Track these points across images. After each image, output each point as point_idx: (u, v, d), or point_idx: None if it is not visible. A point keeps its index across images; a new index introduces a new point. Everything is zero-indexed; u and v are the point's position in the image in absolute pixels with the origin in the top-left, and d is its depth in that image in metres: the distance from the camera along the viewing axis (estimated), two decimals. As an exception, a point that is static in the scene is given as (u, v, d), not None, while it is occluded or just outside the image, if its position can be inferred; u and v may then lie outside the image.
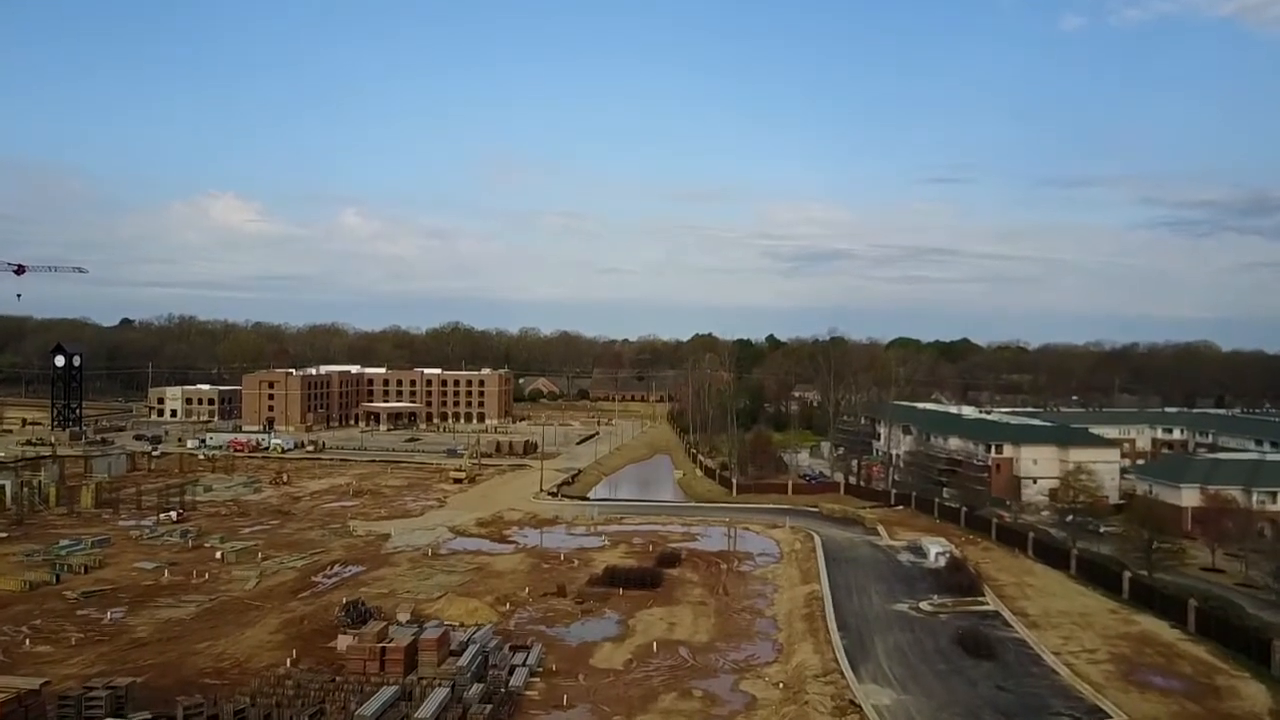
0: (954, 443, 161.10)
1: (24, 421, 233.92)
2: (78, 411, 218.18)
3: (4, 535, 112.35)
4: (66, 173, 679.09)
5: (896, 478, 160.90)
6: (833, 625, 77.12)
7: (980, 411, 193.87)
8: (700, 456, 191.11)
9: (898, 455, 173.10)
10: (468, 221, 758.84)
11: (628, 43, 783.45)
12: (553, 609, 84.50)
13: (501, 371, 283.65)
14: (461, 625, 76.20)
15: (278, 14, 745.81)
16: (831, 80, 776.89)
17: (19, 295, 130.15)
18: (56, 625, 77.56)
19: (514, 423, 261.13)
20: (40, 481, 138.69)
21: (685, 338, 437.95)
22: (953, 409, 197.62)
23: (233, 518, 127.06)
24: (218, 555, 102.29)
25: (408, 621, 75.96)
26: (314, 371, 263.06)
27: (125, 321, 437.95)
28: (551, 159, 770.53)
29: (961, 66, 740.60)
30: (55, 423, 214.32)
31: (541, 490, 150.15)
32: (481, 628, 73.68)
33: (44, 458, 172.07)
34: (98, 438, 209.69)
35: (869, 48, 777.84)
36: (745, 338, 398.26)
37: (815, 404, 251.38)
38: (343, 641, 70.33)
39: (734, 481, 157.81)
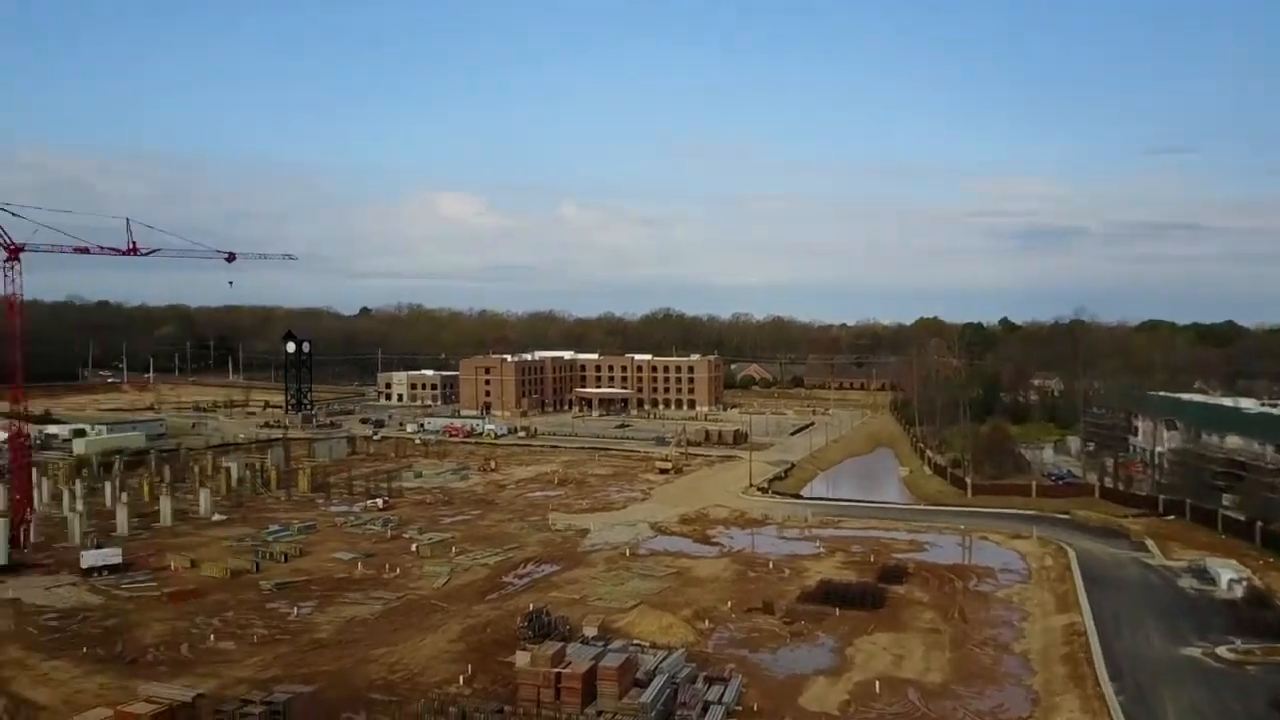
0: (1233, 441, 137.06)
1: (265, 404, 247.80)
2: (308, 395, 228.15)
3: (223, 518, 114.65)
4: (318, 173, 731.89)
5: (1162, 480, 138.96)
6: (1103, 673, 62.54)
7: (1263, 405, 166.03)
8: (928, 451, 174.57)
9: (1160, 454, 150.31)
10: (680, 209, 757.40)
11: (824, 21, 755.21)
12: (757, 629, 74.36)
13: (712, 357, 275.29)
14: (652, 645, 67.45)
15: (504, 29, 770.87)
16: (1031, 48, 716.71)
17: (230, 282, 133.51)
18: (245, 619, 75.35)
19: (724, 410, 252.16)
20: (263, 464, 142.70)
21: (907, 321, 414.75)
22: (1226, 401, 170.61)
23: (436, 506, 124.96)
24: (413, 548, 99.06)
25: (594, 637, 68.13)
26: (529, 357, 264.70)
27: (364, 310, 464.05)
28: (755, 142, 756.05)
29: (1184, 24, 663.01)
30: (288, 406, 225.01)
31: (751, 485, 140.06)
32: (673, 652, 64.52)
33: (274, 440, 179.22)
34: (327, 421, 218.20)
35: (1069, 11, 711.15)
36: (975, 321, 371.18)
37: (1058, 393, 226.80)
38: (521, 658, 63.08)
39: (968, 481, 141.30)
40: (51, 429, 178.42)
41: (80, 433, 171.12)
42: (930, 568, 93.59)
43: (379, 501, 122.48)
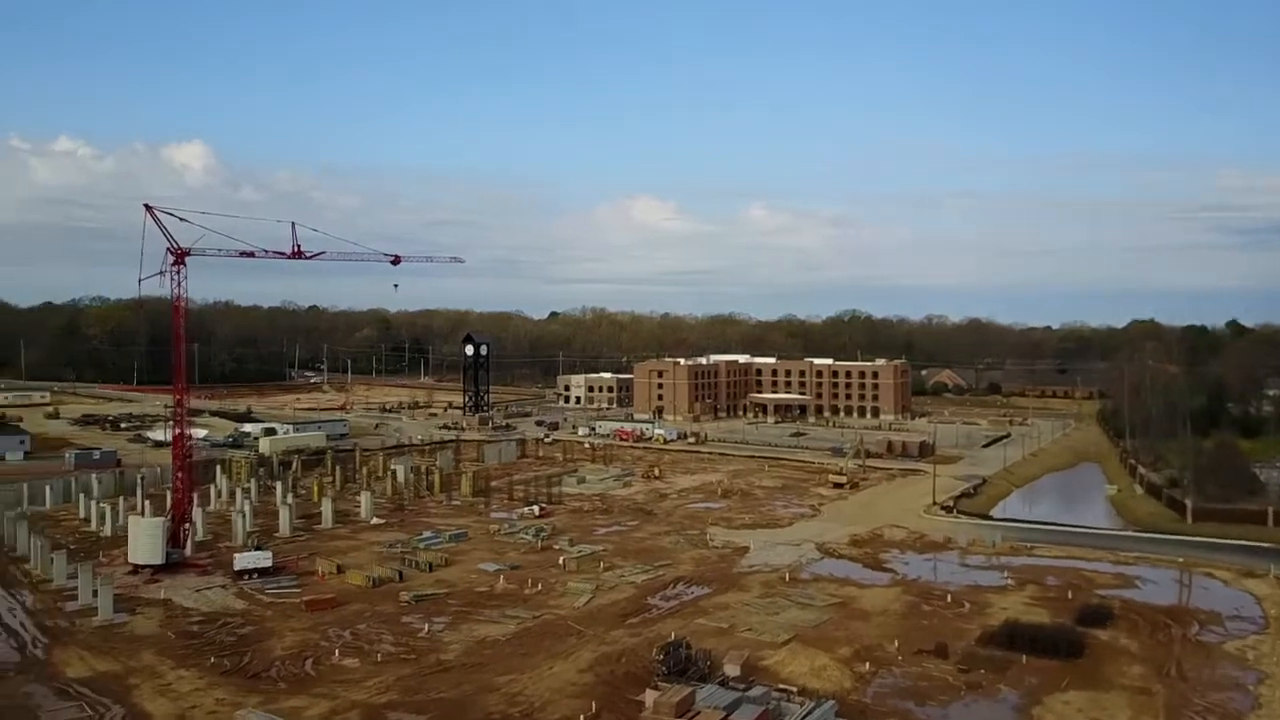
0: None
1: (448, 406, 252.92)
2: (486, 397, 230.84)
3: (381, 521, 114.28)
4: (513, 183, 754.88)
5: None
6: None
7: None
8: (1140, 468, 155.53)
9: None
10: (869, 209, 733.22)
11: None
12: (927, 676, 64.62)
13: (899, 362, 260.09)
14: (801, 692, 59.33)
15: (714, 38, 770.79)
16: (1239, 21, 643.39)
17: (395, 285, 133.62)
18: (376, 633, 72.43)
19: (911, 419, 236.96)
20: (427, 467, 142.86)
21: (1119, 324, 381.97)
22: None
23: (593, 515, 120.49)
24: (560, 561, 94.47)
25: (735, 677, 60.76)
26: (703, 360, 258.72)
27: (552, 314, 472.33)
28: (943, 137, 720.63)
29: None
30: (466, 408, 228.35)
31: (934, 503, 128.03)
32: (822, 703, 56.13)
33: (448, 442, 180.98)
34: (503, 423, 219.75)
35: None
36: (1198, 324, 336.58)
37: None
38: (649, 698, 56.59)
39: (1188, 504, 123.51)
40: (246, 427, 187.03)
41: (270, 431, 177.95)
42: (1141, 609, 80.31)
43: (535, 509, 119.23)
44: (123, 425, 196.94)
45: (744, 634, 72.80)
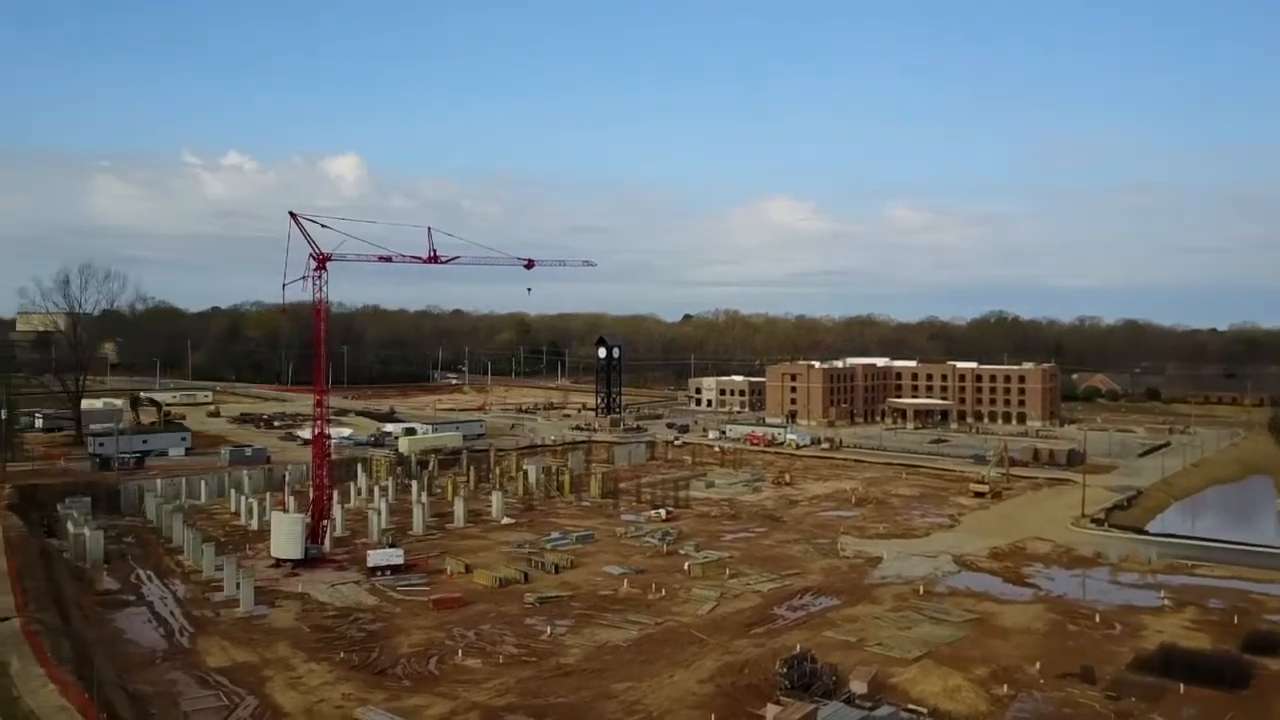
0: None
1: (581, 407, 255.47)
2: (618, 399, 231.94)
3: (511, 521, 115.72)
4: (649, 187, 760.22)
5: None
6: None
7: None
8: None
9: None
10: (1019, 205, 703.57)
11: None
12: (1071, 702, 60.34)
13: (1047, 365, 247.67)
14: (932, 714, 56.36)
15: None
16: None
17: (529, 289, 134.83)
18: (499, 634, 72.93)
19: (1060, 426, 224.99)
20: (558, 468, 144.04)
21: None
22: None
23: (720, 520, 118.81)
24: (685, 566, 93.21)
25: (861, 695, 58.30)
26: (839, 364, 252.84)
27: (686, 317, 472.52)
28: (1101, 130, 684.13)
29: None
30: (598, 409, 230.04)
31: (1083, 515, 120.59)
32: (954, 727, 53.12)
33: (579, 443, 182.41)
34: (634, 425, 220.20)
35: None
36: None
37: None
38: (770, 713, 54.95)
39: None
40: (388, 427, 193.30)
41: (410, 431, 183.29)
42: (1319, 639, 73.08)
43: (662, 512, 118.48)
44: (275, 424, 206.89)
45: (873, 649, 69.86)
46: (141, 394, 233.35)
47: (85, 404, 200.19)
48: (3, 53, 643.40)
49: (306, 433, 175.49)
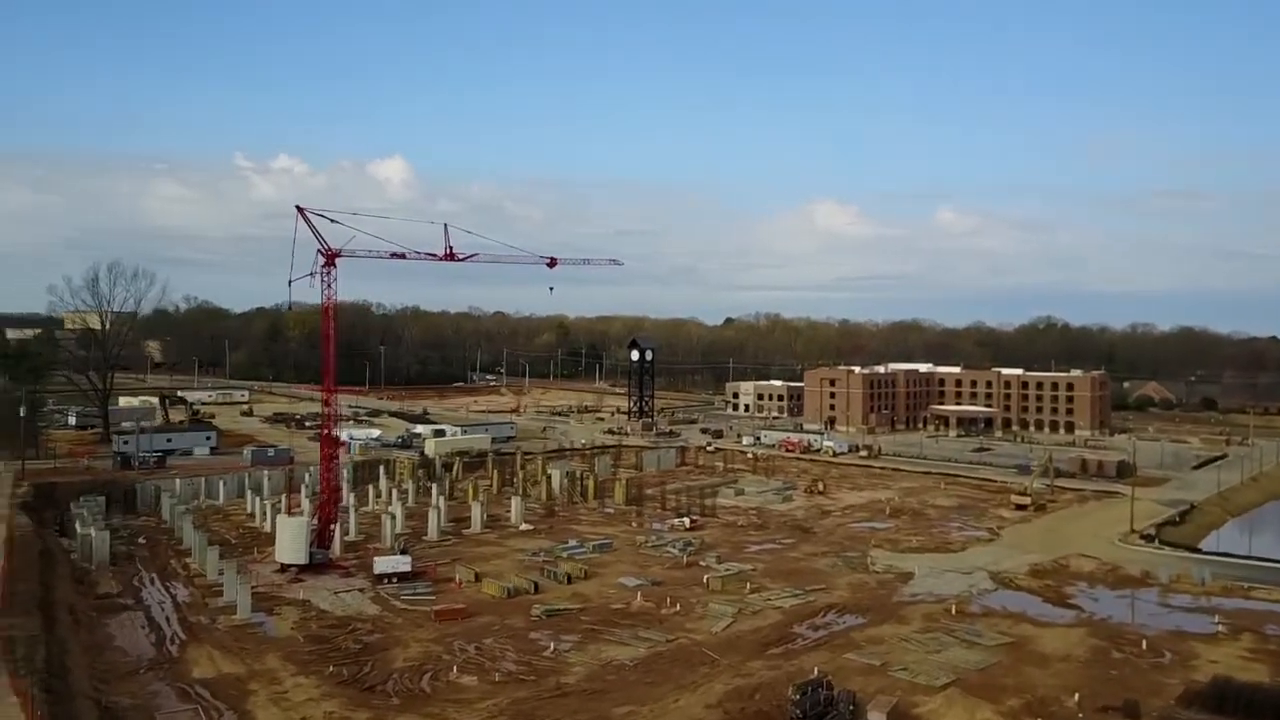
0: None
1: (615, 410, 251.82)
2: (650, 402, 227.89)
3: (529, 528, 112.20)
4: (691, 189, 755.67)
5: None
6: None
7: None
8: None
9: None
10: (1069, 209, 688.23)
11: None
12: (1112, 741, 55.19)
13: (1097, 373, 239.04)
14: (955, 751, 51.53)
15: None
16: None
17: (551, 289, 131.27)
18: (500, 649, 69.19)
19: (1109, 435, 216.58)
20: (582, 473, 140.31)
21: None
22: None
23: (746, 530, 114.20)
24: (704, 579, 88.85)
25: (879, 728, 53.59)
26: (880, 369, 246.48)
27: (727, 320, 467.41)
28: (1156, 132, 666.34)
29: None
30: (630, 413, 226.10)
31: (1132, 530, 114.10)
32: (978, 769, 48.29)
33: (608, 447, 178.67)
34: (667, 429, 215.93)
35: None
36: None
37: None
38: (778, 746, 50.48)
39: None
40: (418, 428, 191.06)
41: (439, 433, 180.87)
42: (1390, 673, 66.94)
43: (685, 521, 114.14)
44: (306, 424, 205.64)
45: (897, 674, 65.04)
46: (178, 392, 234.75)
47: (123, 401, 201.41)
48: (71, 63, 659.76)
49: (336, 433, 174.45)
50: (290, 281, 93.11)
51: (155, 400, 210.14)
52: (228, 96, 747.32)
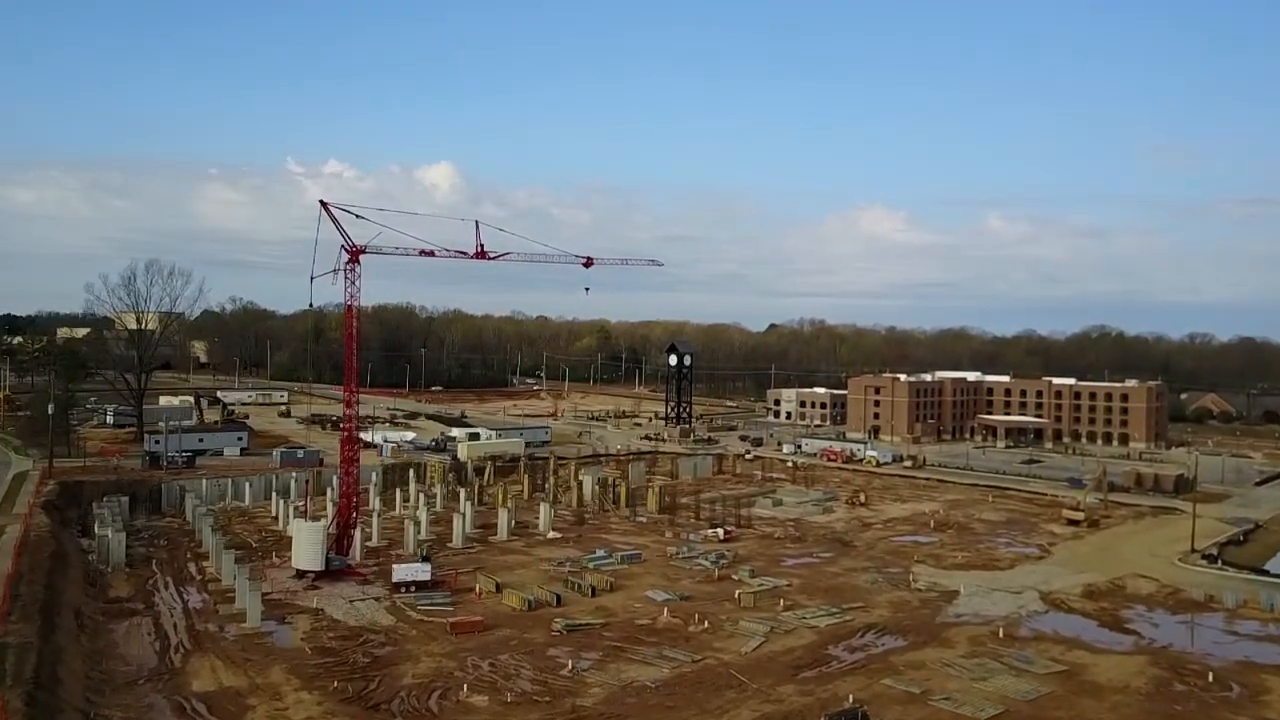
0: None
1: (654, 416, 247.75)
2: (688, 408, 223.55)
3: (557, 536, 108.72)
4: (738, 195, 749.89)
5: None
6: None
7: None
8: None
9: None
10: (1125, 217, 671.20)
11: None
12: (1177, 787, 50.10)
13: (1154, 383, 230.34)
14: (1001, 795, 46.84)
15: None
16: None
17: (587, 289, 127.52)
18: (516, 666, 65.55)
19: (1166, 448, 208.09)
20: (614, 479, 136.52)
21: None
22: None
23: (784, 543, 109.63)
24: (736, 594, 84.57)
25: (917, 766, 49.00)
26: (926, 377, 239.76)
27: (771, 326, 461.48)
28: (1216, 137, 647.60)
29: None
30: (668, 419, 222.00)
31: (1192, 550, 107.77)
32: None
33: (645, 453, 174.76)
34: (705, 436, 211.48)
35: None
36: None
37: None
38: (805, 785, 46.18)
39: None
40: (454, 431, 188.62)
41: (474, 436, 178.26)
42: None
43: (720, 532, 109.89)
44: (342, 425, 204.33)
45: (939, 703, 60.39)
46: (217, 393, 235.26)
47: (163, 401, 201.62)
48: (127, 68, 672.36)
49: (369, 435, 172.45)
50: (312, 278, 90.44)
51: (192, 400, 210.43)
52: (281, 103, 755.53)
